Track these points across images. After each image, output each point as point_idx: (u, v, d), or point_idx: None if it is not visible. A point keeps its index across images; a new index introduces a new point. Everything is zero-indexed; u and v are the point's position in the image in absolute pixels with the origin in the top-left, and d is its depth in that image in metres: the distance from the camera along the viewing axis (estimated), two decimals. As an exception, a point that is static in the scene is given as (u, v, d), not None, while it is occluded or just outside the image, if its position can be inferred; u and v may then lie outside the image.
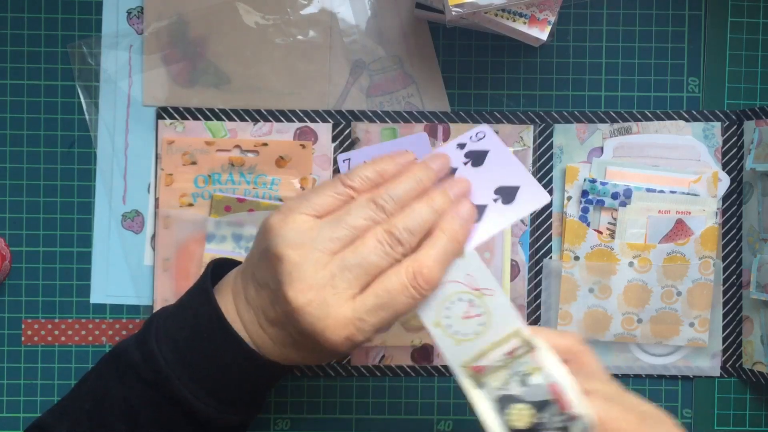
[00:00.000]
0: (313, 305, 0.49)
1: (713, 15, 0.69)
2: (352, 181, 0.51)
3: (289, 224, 0.50)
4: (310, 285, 0.49)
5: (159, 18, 0.68)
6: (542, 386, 0.45)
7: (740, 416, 0.70)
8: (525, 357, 0.47)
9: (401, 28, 0.68)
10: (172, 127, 0.67)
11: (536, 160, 0.68)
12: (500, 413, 0.45)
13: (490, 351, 0.49)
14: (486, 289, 0.50)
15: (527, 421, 0.44)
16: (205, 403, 0.52)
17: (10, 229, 0.68)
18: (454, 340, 0.49)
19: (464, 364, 0.49)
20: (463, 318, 0.50)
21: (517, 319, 0.49)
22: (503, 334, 0.49)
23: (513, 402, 0.45)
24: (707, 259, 0.67)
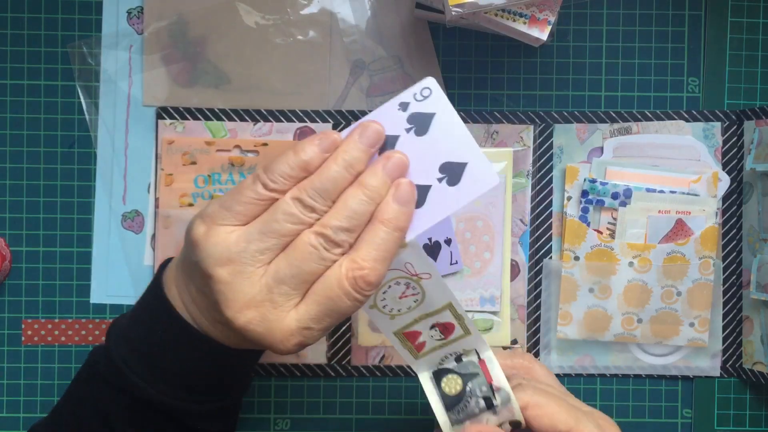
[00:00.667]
0: (255, 323, 0.47)
1: (713, 15, 0.69)
2: (274, 182, 0.47)
3: (212, 239, 0.47)
4: (247, 303, 0.47)
5: (159, 18, 0.68)
6: (473, 362, 0.52)
7: (740, 416, 0.70)
8: (460, 341, 0.52)
9: (401, 28, 0.68)
10: (172, 127, 0.67)
11: (536, 160, 0.68)
12: (437, 382, 0.52)
13: (423, 320, 0.51)
14: (424, 273, 0.50)
15: (458, 389, 0.52)
16: (169, 396, 0.51)
17: (10, 229, 0.68)
18: (389, 316, 0.51)
19: (397, 331, 0.52)
20: (399, 298, 0.51)
21: (450, 295, 0.51)
22: (436, 307, 0.51)
23: (448, 373, 0.52)
24: (707, 259, 0.67)
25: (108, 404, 0.52)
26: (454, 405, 0.52)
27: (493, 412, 0.51)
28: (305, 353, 0.68)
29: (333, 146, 0.48)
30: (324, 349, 0.68)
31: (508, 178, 0.68)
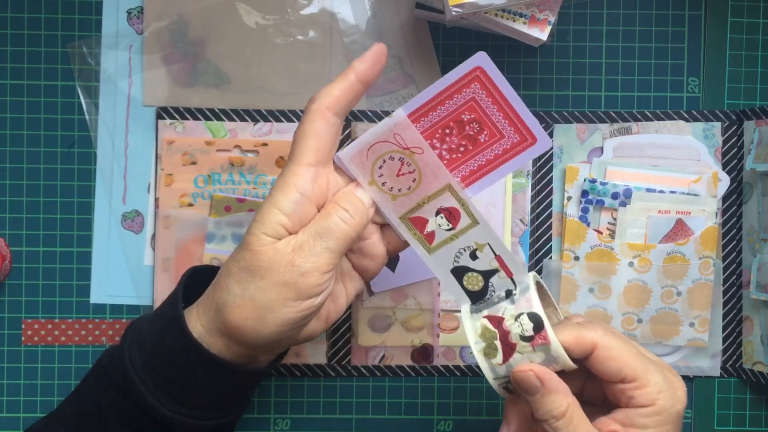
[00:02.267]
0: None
1: (713, 15, 0.69)
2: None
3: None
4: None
5: (159, 18, 0.68)
6: (490, 258, 0.53)
7: (740, 416, 0.70)
8: (470, 232, 0.53)
9: (401, 28, 0.68)
10: (172, 127, 0.67)
11: (536, 160, 0.68)
12: (459, 280, 0.54)
13: (426, 204, 0.53)
14: (415, 147, 0.52)
15: (480, 285, 0.54)
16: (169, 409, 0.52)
17: (10, 229, 0.68)
18: (390, 195, 0.53)
19: (403, 215, 0.54)
20: (397, 176, 0.53)
21: (447, 175, 0.53)
22: (436, 188, 0.53)
23: (467, 272, 0.54)
24: (707, 259, 0.67)
25: (108, 406, 0.52)
26: (478, 298, 0.54)
27: (511, 301, 0.52)
28: (305, 353, 0.68)
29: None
30: (324, 349, 0.68)
31: (508, 178, 0.68)
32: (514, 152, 0.53)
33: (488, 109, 0.52)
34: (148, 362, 0.52)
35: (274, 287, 0.49)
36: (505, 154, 0.53)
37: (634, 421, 0.49)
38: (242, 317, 0.50)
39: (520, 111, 0.52)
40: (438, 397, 0.69)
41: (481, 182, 0.53)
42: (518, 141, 0.52)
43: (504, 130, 0.52)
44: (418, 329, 0.68)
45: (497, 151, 0.53)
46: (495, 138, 0.53)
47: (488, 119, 0.52)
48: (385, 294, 0.67)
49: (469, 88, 0.52)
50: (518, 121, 0.52)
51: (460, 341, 0.68)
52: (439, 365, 0.69)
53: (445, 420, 0.69)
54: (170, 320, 0.52)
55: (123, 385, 0.52)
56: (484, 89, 0.52)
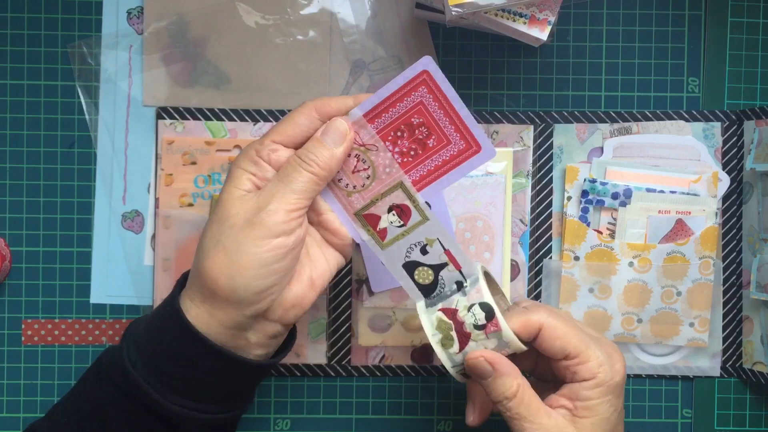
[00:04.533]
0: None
1: (713, 15, 0.69)
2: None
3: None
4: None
5: (159, 18, 0.68)
6: (439, 253, 0.55)
7: (740, 416, 0.70)
8: (420, 228, 0.55)
9: (401, 28, 0.68)
10: (172, 127, 0.67)
11: (536, 160, 0.68)
12: (410, 274, 0.56)
13: (378, 200, 0.55)
14: (370, 144, 0.54)
15: (430, 278, 0.56)
16: (172, 402, 0.52)
17: (10, 229, 0.68)
18: (346, 192, 0.55)
19: (357, 212, 0.55)
20: (352, 173, 0.55)
21: (399, 172, 0.54)
22: (388, 186, 0.55)
23: (418, 266, 0.56)
24: (707, 259, 0.67)
25: (109, 405, 0.52)
26: (429, 292, 0.56)
27: (462, 293, 0.55)
28: (305, 353, 0.68)
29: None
30: (324, 349, 0.68)
31: (508, 178, 0.68)
32: (460, 159, 0.54)
33: (435, 113, 0.54)
34: (149, 359, 0.52)
35: (242, 230, 0.51)
36: (452, 160, 0.54)
37: (579, 394, 0.53)
38: (216, 267, 0.51)
39: (465, 118, 0.54)
40: (438, 397, 0.69)
41: (430, 187, 0.55)
42: (464, 148, 0.54)
43: (450, 136, 0.54)
44: (418, 329, 0.68)
45: (445, 157, 0.54)
46: (442, 143, 0.54)
47: (435, 124, 0.54)
48: (385, 294, 0.67)
49: (418, 92, 0.53)
50: (463, 127, 0.54)
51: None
52: (439, 365, 0.69)
53: (445, 420, 0.69)
54: (169, 315, 0.53)
55: (124, 385, 0.52)
56: (431, 93, 0.53)
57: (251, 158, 0.53)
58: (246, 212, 0.51)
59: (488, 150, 0.54)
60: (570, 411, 0.54)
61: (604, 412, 0.54)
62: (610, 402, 0.54)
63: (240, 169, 0.53)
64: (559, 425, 0.53)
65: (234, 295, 0.51)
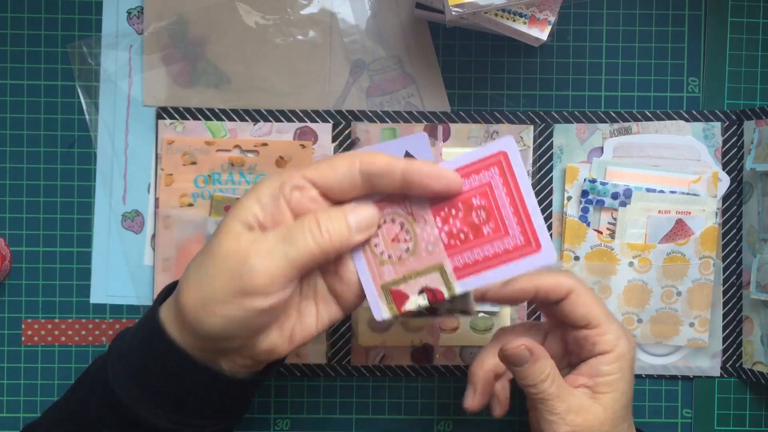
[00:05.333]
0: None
1: (713, 15, 0.69)
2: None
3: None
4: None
5: (159, 18, 0.68)
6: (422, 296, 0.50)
7: (740, 416, 0.70)
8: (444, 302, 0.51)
9: (401, 28, 0.68)
10: (172, 127, 0.67)
11: (536, 160, 0.68)
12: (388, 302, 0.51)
13: (412, 278, 0.50)
14: (420, 216, 0.49)
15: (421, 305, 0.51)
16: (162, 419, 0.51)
17: (10, 229, 0.68)
18: (379, 259, 0.50)
19: (385, 284, 0.50)
20: (392, 240, 0.50)
21: (442, 254, 0.49)
22: (427, 266, 0.50)
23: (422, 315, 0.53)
24: (707, 259, 0.67)
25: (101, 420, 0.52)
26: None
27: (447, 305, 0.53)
28: (305, 353, 0.68)
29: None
30: (324, 349, 0.68)
31: (508, 178, 0.67)
32: (514, 256, 0.48)
33: (500, 199, 0.48)
34: (133, 374, 0.51)
35: (221, 274, 0.47)
36: (505, 254, 0.49)
37: (599, 369, 0.54)
38: (189, 300, 0.48)
39: (532, 211, 0.48)
40: (438, 397, 0.69)
41: (471, 279, 0.49)
42: (522, 244, 0.48)
43: (510, 228, 0.48)
44: (418, 329, 0.68)
45: (497, 249, 0.49)
46: (499, 234, 0.49)
47: (497, 211, 0.49)
48: (385, 294, 0.67)
49: (489, 171, 0.49)
50: (527, 221, 0.48)
51: (461, 341, 0.68)
52: (439, 365, 0.69)
53: (445, 420, 0.69)
54: (150, 328, 0.51)
55: (110, 401, 0.51)
56: (502, 176, 0.48)
57: (272, 191, 0.48)
58: (234, 256, 0.47)
59: (548, 253, 0.48)
60: (590, 389, 0.54)
61: (623, 387, 0.54)
62: (628, 377, 0.55)
63: (253, 198, 0.48)
64: (583, 404, 0.53)
65: (199, 328, 0.48)
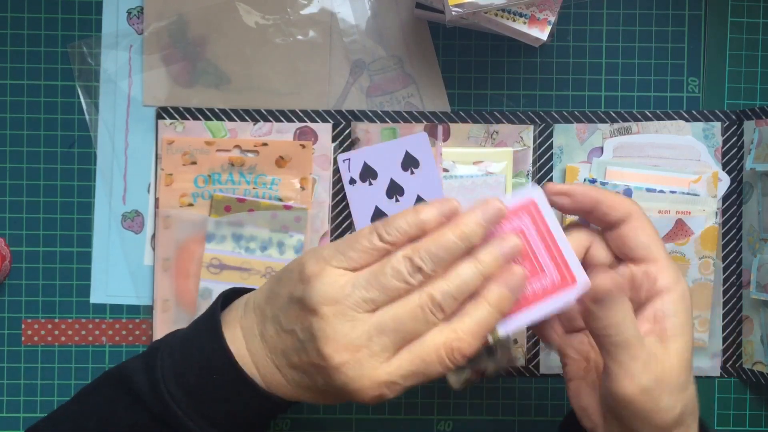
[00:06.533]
0: (349, 366, 0.48)
1: (713, 15, 0.69)
2: (389, 235, 0.48)
3: (324, 278, 0.48)
4: (346, 345, 0.47)
5: (159, 18, 0.68)
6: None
7: (740, 416, 0.70)
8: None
9: (401, 28, 0.68)
10: (172, 127, 0.67)
11: (536, 160, 0.68)
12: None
13: None
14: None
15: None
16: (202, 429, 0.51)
17: (10, 229, 0.68)
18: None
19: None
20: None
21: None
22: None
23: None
24: (707, 259, 0.67)
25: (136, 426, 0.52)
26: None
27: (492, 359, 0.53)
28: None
29: (451, 212, 0.49)
30: (324, 349, 0.68)
31: (508, 178, 0.68)
32: (553, 292, 0.50)
33: (534, 242, 0.50)
34: (192, 395, 0.51)
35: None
36: (543, 292, 0.51)
37: (665, 311, 0.50)
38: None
39: (565, 251, 0.50)
40: (438, 397, 0.69)
41: (514, 318, 0.50)
42: (558, 282, 0.50)
43: (546, 268, 0.50)
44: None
45: (535, 288, 0.51)
46: (536, 274, 0.50)
47: (532, 253, 0.51)
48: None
49: (520, 219, 0.51)
50: (561, 260, 0.50)
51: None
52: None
53: (445, 420, 0.69)
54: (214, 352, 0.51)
55: (161, 413, 0.51)
56: (534, 223, 0.50)
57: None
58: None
59: (583, 283, 0.50)
60: (658, 336, 0.49)
61: (689, 332, 0.50)
62: (692, 323, 0.50)
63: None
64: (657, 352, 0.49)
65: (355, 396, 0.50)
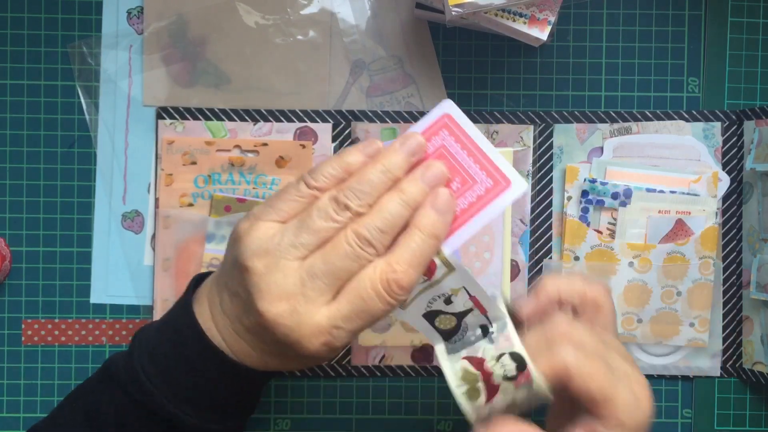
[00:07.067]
0: (285, 316, 0.47)
1: (713, 15, 0.69)
2: (316, 181, 0.49)
3: (253, 233, 0.48)
4: (280, 295, 0.47)
5: (159, 18, 0.68)
6: (464, 300, 0.50)
7: (740, 416, 0.70)
8: (445, 280, 0.50)
9: (401, 28, 0.68)
10: (172, 127, 0.67)
11: (536, 160, 0.68)
12: (431, 322, 0.51)
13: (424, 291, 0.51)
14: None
15: (452, 324, 0.51)
16: (191, 415, 0.52)
17: (10, 229, 0.68)
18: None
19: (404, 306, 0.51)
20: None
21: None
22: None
23: (440, 314, 0.51)
24: (707, 259, 0.67)
25: (127, 416, 0.52)
26: (450, 336, 0.51)
27: (489, 340, 0.50)
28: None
29: (375, 152, 0.49)
30: (324, 349, 0.68)
31: (508, 178, 0.68)
32: (489, 198, 0.50)
33: (458, 155, 0.51)
34: (166, 373, 0.51)
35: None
36: (479, 201, 0.50)
37: (597, 430, 0.48)
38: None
39: (490, 153, 0.50)
40: (438, 397, 0.69)
41: (457, 234, 0.50)
42: (492, 186, 0.50)
43: (476, 176, 0.50)
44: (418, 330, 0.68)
45: (471, 199, 0.50)
46: (467, 185, 0.50)
47: (459, 166, 0.50)
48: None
49: (438, 136, 0.51)
50: (489, 164, 0.50)
51: (460, 341, 0.68)
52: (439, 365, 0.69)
53: (445, 420, 0.69)
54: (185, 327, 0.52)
55: (140, 397, 0.51)
56: (452, 135, 0.51)
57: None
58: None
59: (518, 183, 0.50)
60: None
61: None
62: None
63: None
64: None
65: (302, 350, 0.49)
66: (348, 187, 0.48)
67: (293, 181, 0.50)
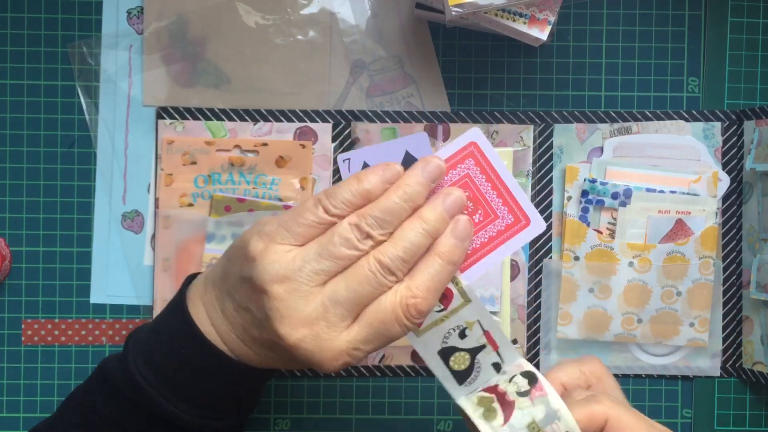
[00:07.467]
0: (308, 341, 0.48)
1: (713, 15, 0.69)
2: (336, 208, 0.48)
3: (271, 256, 0.48)
4: (302, 320, 0.48)
5: (159, 18, 0.68)
6: (478, 335, 0.51)
7: (740, 416, 0.70)
8: (461, 311, 0.51)
9: (401, 28, 0.68)
10: (172, 127, 0.67)
11: (536, 160, 0.68)
12: (445, 361, 0.51)
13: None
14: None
15: (466, 364, 0.51)
16: (190, 414, 0.52)
17: (10, 229, 0.68)
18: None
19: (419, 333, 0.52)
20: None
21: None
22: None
23: (455, 351, 0.51)
24: (707, 259, 0.67)
25: (124, 418, 0.52)
26: (464, 378, 0.52)
27: (502, 372, 0.52)
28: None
29: (394, 177, 0.49)
30: (324, 349, 0.68)
31: (508, 178, 0.68)
32: (509, 234, 0.51)
33: (482, 186, 0.51)
34: (161, 373, 0.51)
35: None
36: (498, 236, 0.51)
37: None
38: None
39: (514, 190, 0.51)
40: (438, 397, 0.69)
41: (475, 268, 0.51)
42: (512, 222, 0.51)
43: (498, 210, 0.51)
44: (418, 329, 0.68)
45: (491, 233, 0.51)
46: (489, 219, 0.51)
47: (482, 198, 0.51)
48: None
49: (464, 164, 0.51)
50: (512, 200, 0.51)
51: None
52: (439, 365, 0.69)
53: (445, 420, 0.69)
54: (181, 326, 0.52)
55: (137, 399, 0.52)
56: (478, 165, 0.51)
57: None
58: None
59: (537, 223, 0.50)
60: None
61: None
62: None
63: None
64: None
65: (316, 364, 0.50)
66: (369, 215, 0.48)
67: (309, 204, 0.49)
